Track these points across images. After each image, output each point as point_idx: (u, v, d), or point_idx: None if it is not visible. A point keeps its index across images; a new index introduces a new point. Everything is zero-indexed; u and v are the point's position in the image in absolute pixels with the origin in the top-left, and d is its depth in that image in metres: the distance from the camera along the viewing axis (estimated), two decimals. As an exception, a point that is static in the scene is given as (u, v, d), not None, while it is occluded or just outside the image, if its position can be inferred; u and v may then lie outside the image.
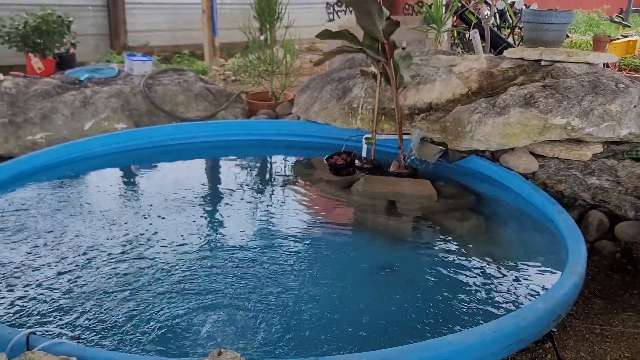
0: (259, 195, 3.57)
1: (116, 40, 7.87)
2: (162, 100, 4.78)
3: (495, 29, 6.72)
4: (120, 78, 5.00)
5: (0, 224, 2.91)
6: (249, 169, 4.13)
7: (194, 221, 3.07)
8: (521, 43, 6.62)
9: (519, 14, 6.95)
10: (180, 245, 2.77)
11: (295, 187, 3.73)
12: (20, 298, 2.27)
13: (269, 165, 4.30)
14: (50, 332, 1.99)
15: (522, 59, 3.97)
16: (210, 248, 2.77)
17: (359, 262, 2.73)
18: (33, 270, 2.48)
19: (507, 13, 6.73)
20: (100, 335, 2.04)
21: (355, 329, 2.15)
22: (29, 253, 2.64)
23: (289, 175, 4.06)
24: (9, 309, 2.20)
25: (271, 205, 3.44)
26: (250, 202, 3.43)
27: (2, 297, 2.27)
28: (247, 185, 3.72)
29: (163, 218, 3.06)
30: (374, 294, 2.42)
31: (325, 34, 3.67)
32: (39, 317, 2.14)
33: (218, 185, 3.77)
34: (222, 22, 7.32)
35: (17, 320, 2.13)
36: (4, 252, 2.64)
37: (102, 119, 4.42)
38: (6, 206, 3.15)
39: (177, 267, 2.55)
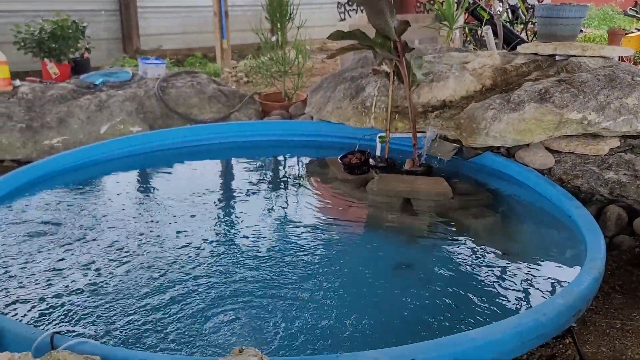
0: (274, 195, 3.59)
1: (129, 44, 7.94)
2: (175, 103, 4.82)
3: (508, 24, 6.68)
4: (135, 81, 5.05)
5: (23, 227, 2.96)
6: (264, 169, 4.15)
7: (213, 221, 3.10)
8: (534, 38, 6.58)
9: (532, 9, 6.91)
10: (201, 244, 2.79)
11: (310, 187, 3.74)
12: (43, 298, 2.30)
13: (283, 165, 4.32)
14: (81, 333, 2.02)
15: (536, 54, 3.95)
16: (229, 247, 2.79)
17: (375, 260, 2.73)
18: (56, 271, 2.51)
19: (520, 9, 6.68)
20: (121, 335, 2.07)
21: (374, 325, 2.16)
22: (52, 254, 2.67)
23: (303, 175, 4.07)
24: (33, 309, 2.23)
25: (287, 205, 3.45)
26: (267, 202, 3.45)
27: (27, 298, 2.30)
28: (262, 185, 3.74)
29: (183, 218, 3.09)
30: (391, 290, 2.42)
31: (337, 35, 3.67)
32: (62, 317, 2.18)
33: (234, 186, 3.79)
34: (233, 24, 7.36)
35: (42, 319, 2.16)
36: (30, 254, 2.68)
37: (117, 122, 4.47)
38: (28, 209, 3.20)
39: (198, 266, 2.57)
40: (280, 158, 4.41)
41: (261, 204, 3.42)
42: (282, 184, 3.84)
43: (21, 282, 2.42)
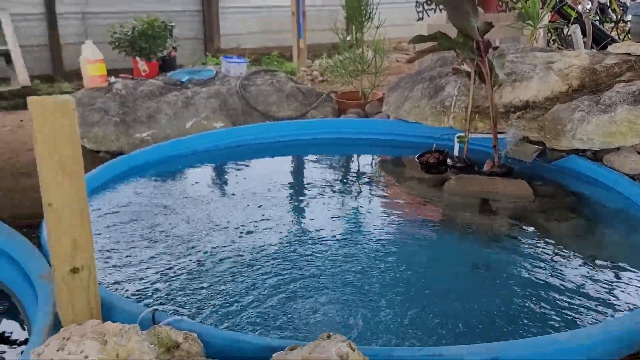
0: (351, 192, 3.65)
1: (210, 44, 8.27)
2: (256, 100, 4.98)
3: (597, 23, 6.38)
4: (218, 79, 5.27)
5: (125, 213, 3.17)
6: (340, 167, 4.22)
7: (292, 216, 3.21)
8: (626, 38, 6.26)
9: (623, 8, 6.57)
10: (282, 237, 2.89)
11: (387, 185, 3.77)
12: (145, 279, 2.48)
13: (359, 163, 4.37)
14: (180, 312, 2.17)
15: (628, 54, 3.78)
16: (307, 242, 2.86)
17: (453, 260, 2.72)
18: (156, 255, 2.69)
19: (610, 7, 6.37)
20: (215, 316, 2.20)
21: (454, 322, 2.16)
22: (151, 240, 2.87)
23: (379, 173, 4.10)
24: (135, 288, 2.41)
25: (363, 202, 3.49)
26: (344, 199, 3.51)
27: (131, 278, 2.49)
28: (339, 182, 3.81)
29: (265, 211, 3.20)
30: (469, 291, 2.41)
31: (418, 39, 3.67)
32: (162, 297, 2.34)
33: (312, 182, 3.87)
34: (310, 24, 7.49)
35: (144, 298, 2.34)
36: (131, 239, 2.88)
37: (202, 118, 4.68)
38: (126, 198, 3.42)
39: (283, 258, 2.66)
40: (357, 156, 4.46)
41: (339, 200, 3.48)
42: (358, 181, 3.89)
43: (125, 264, 2.61)
